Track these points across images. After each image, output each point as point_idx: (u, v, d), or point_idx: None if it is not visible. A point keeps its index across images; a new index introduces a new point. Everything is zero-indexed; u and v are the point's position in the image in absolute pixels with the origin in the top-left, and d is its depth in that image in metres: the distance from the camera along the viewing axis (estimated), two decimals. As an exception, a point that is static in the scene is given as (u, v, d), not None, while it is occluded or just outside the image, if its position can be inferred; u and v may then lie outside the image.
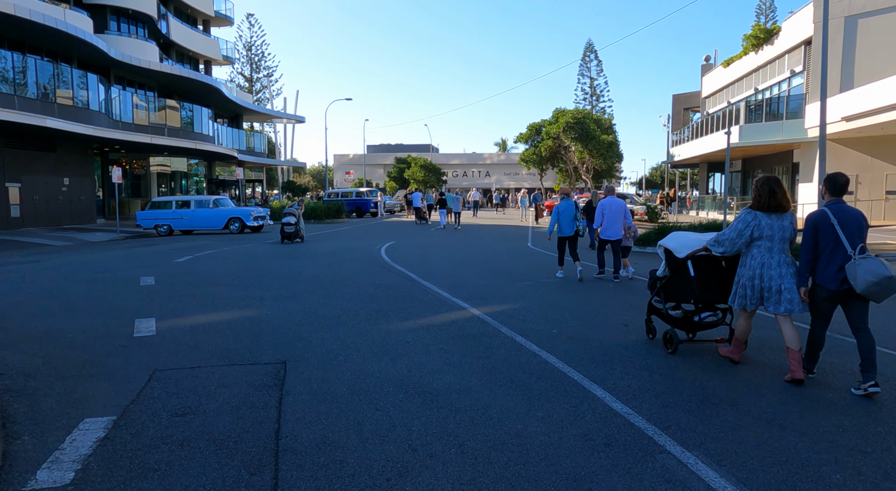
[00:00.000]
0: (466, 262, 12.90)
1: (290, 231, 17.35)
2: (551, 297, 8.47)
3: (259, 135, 54.88)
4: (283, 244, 16.83)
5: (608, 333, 6.27)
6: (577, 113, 38.56)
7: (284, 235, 17.36)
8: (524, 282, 9.90)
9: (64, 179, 25.56)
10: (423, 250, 15.46)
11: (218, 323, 6.74)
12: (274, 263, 12.34)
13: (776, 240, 4.63)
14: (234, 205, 31.53)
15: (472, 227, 26.80)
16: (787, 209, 4.65)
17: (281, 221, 17.65)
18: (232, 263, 12.48)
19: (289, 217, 17.22)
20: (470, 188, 57.16)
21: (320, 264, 12.29)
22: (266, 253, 14.54)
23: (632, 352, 5.49)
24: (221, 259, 13.18)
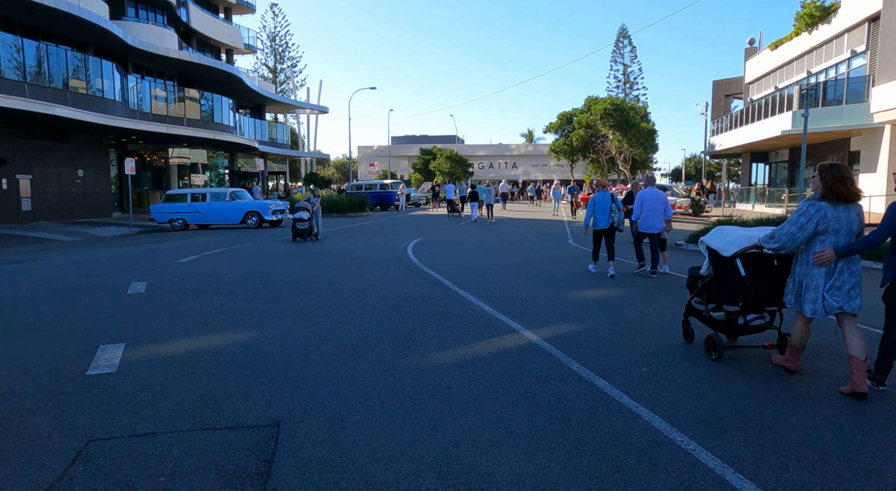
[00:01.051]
0: (505, 263, 11.27)
1: (302, 228, 15.57)
2: (618, 312, 6.82)
3: (282, 126, 53.84)
4: (295, 243, 15.24)
5: (716, 371, 4.61)
6: (614, 100, 36.41)
7: (296, 233, 15.63)
8: (577, 290, 8.26)
9: (78, 171, 24.57)
10: (455, 249, 13.88)
11: (202, 352, 5.25)
12: (287, 265, 10.88)
13: (842, 234, 4.18)
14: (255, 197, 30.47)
15: (504, 221, 25.12)
16: (857, 199, 4.22)
17: (292, 217, 15.96)
18: (240, 264, 11.06)
19: (301, 212, 15.57)
20: (498, 180, 55.36)
21: (339, 266, 10.80)
22: (280, 252, 13.11)
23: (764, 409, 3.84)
24: (229, 259, 11.79)
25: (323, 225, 22.50)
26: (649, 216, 9.45)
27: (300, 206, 15.62)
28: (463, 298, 7.73)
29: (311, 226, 15.65)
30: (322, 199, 31.18)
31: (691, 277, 5.37)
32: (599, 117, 36.06)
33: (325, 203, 30.30)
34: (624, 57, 60.56)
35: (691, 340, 5.46)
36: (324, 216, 29.50)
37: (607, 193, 9.78)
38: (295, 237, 15.70)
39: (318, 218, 16.20)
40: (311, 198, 16.69)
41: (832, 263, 4.15)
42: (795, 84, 32.84)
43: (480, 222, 23.89)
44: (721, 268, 4.86)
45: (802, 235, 4.20)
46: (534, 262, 11.57)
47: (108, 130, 25.35)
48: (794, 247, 4.30)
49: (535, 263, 11.42)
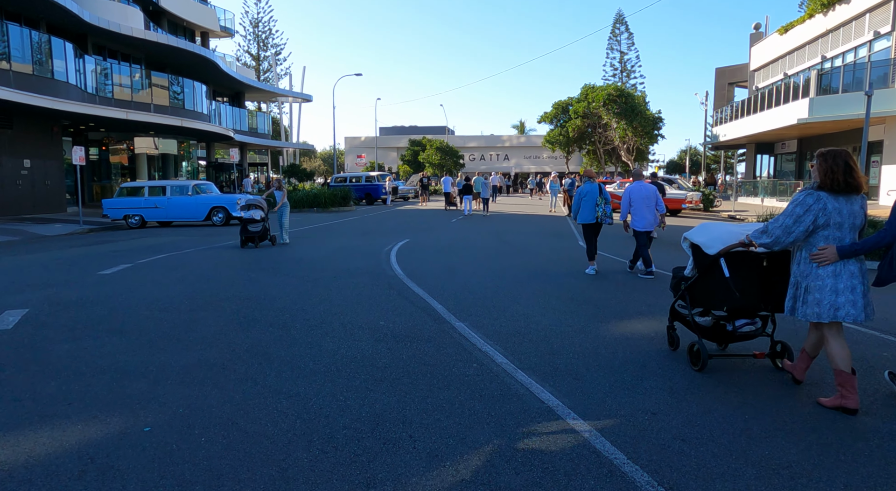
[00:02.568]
0: (511, 274, 9.01)
1: (254, 231, 12.39)
2: (694, 374, 4.57)
3: (264, 115, 51.16)
4: (246, 249, 12.13)
5: None
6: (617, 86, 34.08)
7: (246, 237, 12.38)
8: (616, 320, 6.03)
9: (24, 162, 21.96)
10: (448, 254, 11.59)
11: None
12: (234, 281, 8.54)
13: (846, 228, 3.74)
14: (248, 191, 27.94)
15: (499, 216, 22.86)
16: (861, 190, 3.76)
17: (242, 215, 12.53)
18: (175, 278, 8.72)
19: (253, 211, 12.53)
20: (488, 172, 53.16)
21: (302, 282, 8.48)
22: (234, 261, 10.76)
23: None
24: (165, 271, 9.42)
25: (300, 222, 20.09)
26: (643, 212, 8.92)
27: (251, 203, 12.75)
28: (462, 336, 5.47)
29: (265, 228, 12.60)
30: (300, 192, 28.75)
31: (675, 277, 4.89)
32: (602, 104, 33.74)
33: (304, 197, 27.87)
34: (621, 44, 58.35)
35: (676, 348, 5.02)
36: (302, 211, 27.05)
37: (595, 185, 9.16)
38: (244, 242, 12.45)
39: (283, 217, 13.36)
40: (273, 192, 13.55)
41: (834, 262, 3.72)
42: (807, 70, 30.79)
43: (474, 218, 21.61)
44: (705, 268, 4.43)
45: (799, 229, 3.77)
46: (545, 271, 9.31)
47: (61, 116, 22.74)
48: (790, 242, 3.83)
49: (546, 273, 9.17)
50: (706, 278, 4.43)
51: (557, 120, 48.98)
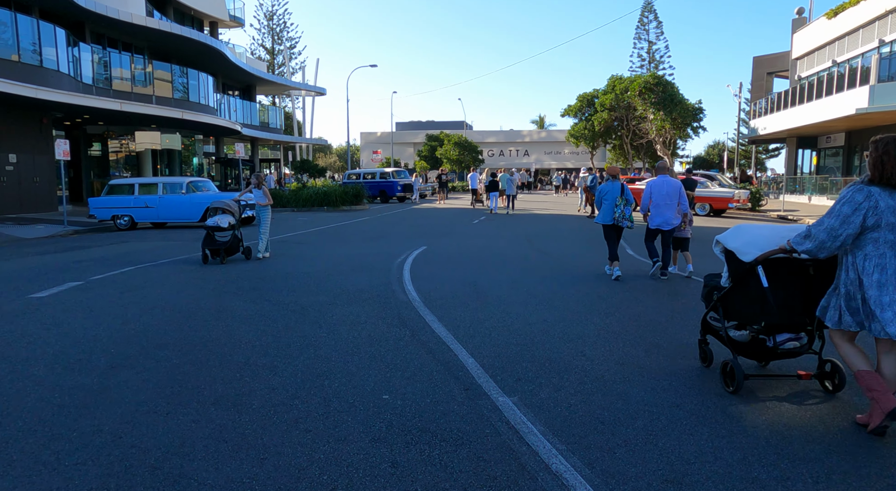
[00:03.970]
0: (562, 302, 6.89)
1: (222, 240, 9.90)
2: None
3: (276, 109, 49.46)
4: (210, 265, 9.59)
5: None
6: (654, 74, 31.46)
7: (211, 250, 9.85)
8: (759, 401, 3.89)
9: (9, 156, 20.27)
10: (474, 267, 9.48)
11: None
12: (197, 311, 6.55)
13: None
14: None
15: (525, 217, 20.68)
16: None
17: (207, 223, 10.01)
18: (120, 306, 6.74)
19: (220, 216, 10.01)
20: (514, 169, 50.94)
21: (285, 311, 6.44)
22: (210, 279, 8.77)
23: None
24: (116, 294, 7.46)
25: (305, 224, 18.11)
26: (662, 210, 8.36)
27: (218, 206, 10.15)
28: (514, 430, 3.38)
29: (235, 238, 10.03)
30: (310, 190, 26.81)
31: (707, 286, 4.39)
32: (637, 94, 31.14)
33: (314, 195, 25.93)
34: (649, 33, 55.50)
35: (709, 364, 4.47)
36: (312, 211, 25.11)
37: (616, 184, 8.54)
38: (208, 255, 9.77)
39: (262, 223, 10.35)
40: (252, 189, 10.34)
41: None
42: (862, 56, 28.11)
43: (498, 218, 19.48)
44: (739, 276, 3.90)
45: (847, 231, 3.28)
46: (604, 297, 7.16)
47: (50, 107, 21.03)
48: (836, 247, 3.35)
49: (608, 300, 7.02)
50: (741, 289, 3.96)
51: (582, 113, 46.52)
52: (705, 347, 4.56)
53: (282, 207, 26.26)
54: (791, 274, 3.80)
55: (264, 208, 10.33)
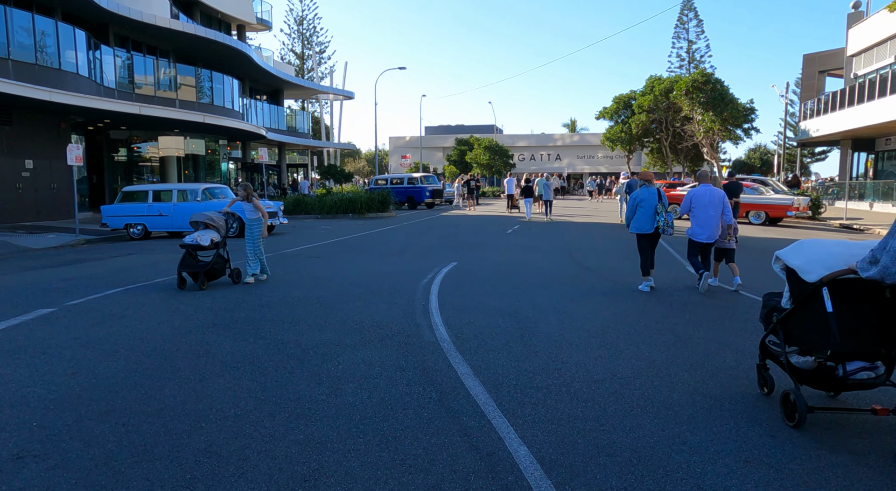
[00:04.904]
0: (630, 348, 5.43)
1: (204, 260, 8.42)
2: None
3: (304, 113, 48.87)
4: (185, 291, 8.06)
5: None
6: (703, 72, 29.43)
7: (189, 272, 8.22)
8: None
9: (26, 162, 19.62)
10: (513, 291, 8.06)
11: None
12: (173, 354, 5.30)
13: None
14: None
15: (561, 224, 19.14)
16: None
17: (184, 241, 8.36)
18: (77, 347, 5.54)
19: (202, 233, 8.35)
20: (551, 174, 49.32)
21: (278, 356, 5.15)
22: (203, 306, 7.55)
23: None
24: (83, 328, 6.27)
25: (326, 234, 16.89)
26: (703, 222, 7.86)
27: (199, 220, 8.47)
28: None
29: (220, 258, 8.42)
30: (334, 196, 25.71)
31: (766, 306, 4.03)
32: (684, 93, 29.22)
33: (338, 202, 24.80)
34: (688, 32, 53.26)
35: (770, 391, 4.09)
36: (336, 218, 23.99)
37: (653, 189, 8.05)
38: (184, 281, 8.19)
39: (251, 242, 8.69)
40: (237, 204, 8.91)
41: None
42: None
43: (533, 227, 17.99)
44: (802, 297, 3.55)
45: None
46: (684, 337, 5.66)
47: (69, 111, 20.35)
48: None
49: (673, 331, 5.52)
50: (803, 312, 3.58)
51: (618, 116, 44.69)
52: (764, 373, 4.16)
53: (305, 214, 25.25)
54: (863, 297, 3.43)
55: (256, 222, 8.70)
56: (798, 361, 3.72)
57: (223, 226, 8.59)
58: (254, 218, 8.66)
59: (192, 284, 8.33)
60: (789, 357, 3.74)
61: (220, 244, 8.47)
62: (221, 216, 8.66)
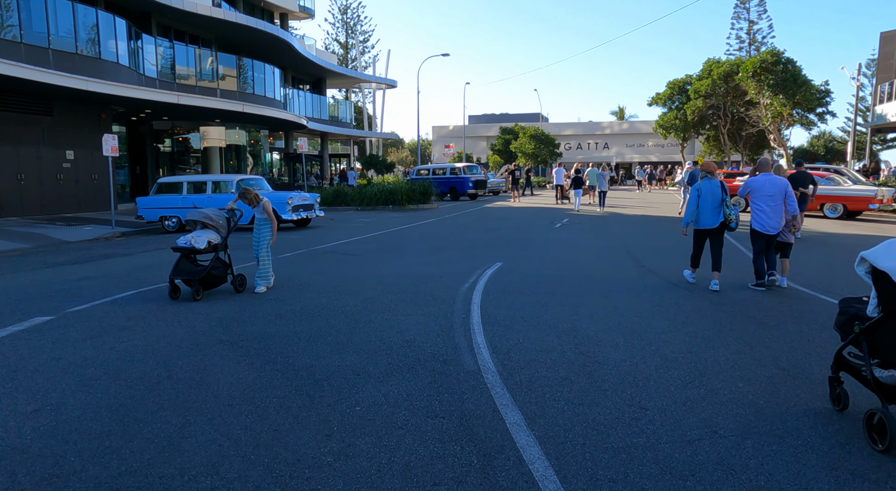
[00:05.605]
0: (712, 371, 4.28)
1: (202, 264, 7.25)
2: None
3: (347, 102, 48.39)
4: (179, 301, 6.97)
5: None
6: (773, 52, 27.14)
7: (183, 278, 7.06)
8: None
9: (66, 153, 19.50)
10: (566, 300, 6.95)
11: None
12: (158, 380, 4.47)
13: None
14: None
15: (613, 217, 17.77)
16: None
17: (177, 244, 7.14)
18: (51, 373, 4.77)
19: (200, 232, 7.17)
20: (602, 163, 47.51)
21: (286, 390, 4.24)
22: (213, 316, 6.75)
23: None
24: (79, 340, 5.51)
25: (362, 228, 16.04)
26: (767, 212, 7.28)
27: (195, 218, 7.28)
28: None
29: (221, 263, 7.26)
30: (374, 187, 24.90)
31: (844, 313, 3.63)
32: (751, 75, 27.03)
33: (378, 193, 23.99)
34: (749, 12, 50.08)
35: (843, 408, 3.67)
36: (376, 210, 23.21)
37: (716, 181, 7.50)
38: (177, 289, 7.10)
39: (259, 247, 7.48)
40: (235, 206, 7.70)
41: None
42: None
43: (584, 220, 16.71)
44: (893, 305, 3.15)
45: None
46: (791, 371, 4.46)
47: (109, 101, 20.14)
48: None
49: (799, 376, 4.33)
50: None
51: (672, 102, 42.40)
52: (838, 387, 3.77)
53: (345, 206, 24.59)
54: None
55: (265, 225, 7.53)
56: (884, 376, 3.30)
57: (223, 225, 7.44)
58: (262, 217, 7.54)
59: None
60: (874, 371, 3.32)
61: (219, 246, 7.27)
62: (222, 214, 7.55)
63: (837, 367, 3.75)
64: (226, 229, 7.39)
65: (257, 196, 7.36)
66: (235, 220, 7.59)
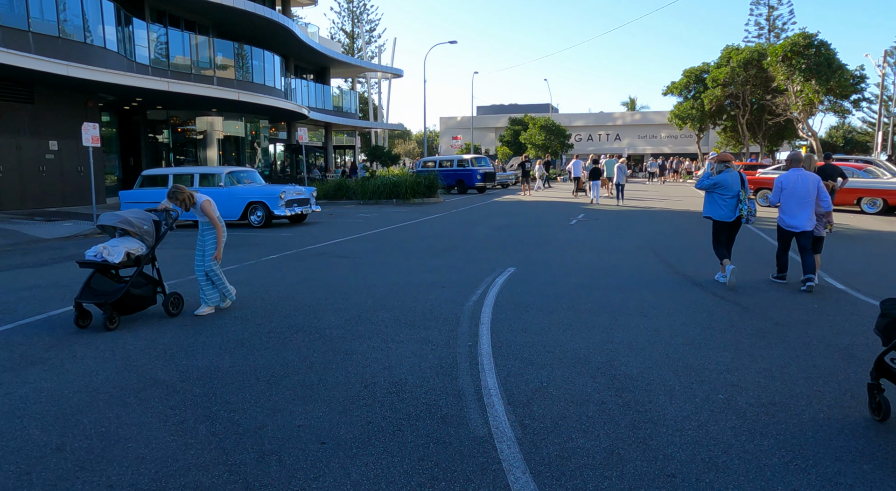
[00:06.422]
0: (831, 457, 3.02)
1: (114, 285, 5.60)
2: None
3: (352, 93, 47.06)
4: (85, 327, 5.48)
5: None
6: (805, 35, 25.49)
7: (96, 302, 5.39)
8: None
9: (50, 143, 18.37)
10: (596, 321, 5.70)
11: None
12: (40, 467, 3.24)
13: None
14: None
15: (633, 213, 16.43)
16: None
17: (84, 256, 5.60)
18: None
19: (116, 242, 5.63)
20: (616, 154, 46.03)
21: (217, 470, 2.99)
22: (163, 341, 5.57)
23: None
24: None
25: (362, 225, 14.79)
26: (795, 208, 7.00)
27: (111, 224, 5.73)
28: None
29: (143, 280, 5.77)
30: (379, 179, 23.63)
31: (887, 316, 3.45)
32: (781, 59, 25.41)
33: (381, 186, 22.74)
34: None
35: (884, 418, 3.38)
36: (379, 204, 21.98)
37: (734, 173, 7.26)
38: (86, 314, 5.52)
39: (205, 257, 6.03)
40: (168, 209, 6.07)
41: None
42: None
43: (602, 216, 15.38)
44: None
45: None
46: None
47: (96, 88, 18.97)
48: None
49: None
50: None
51: (688, 91, 40.79)
52: (878, 395, 3.44)
53: (347, 200, 23.39)
54: None
55: (208, 232, 6.02)
56: None
57: (150, 232, 5.80)
58: (205, 222, 6.09)
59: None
60: None
61: (142, 259, 5.73)
62: (148, 217, 5.96)
63: (879, 373, 3.50)
64: (153, 236, 5.88)
65: (192, 195, 5.88)
66: (171, 223, 6.10)
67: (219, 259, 6.02)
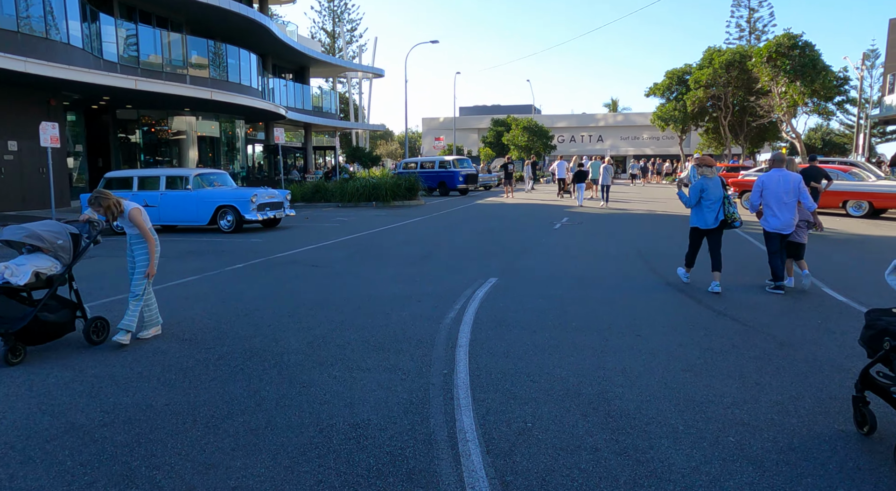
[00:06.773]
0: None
1: (30, 310, 4.72)
2: None
3: (333, 93, 46.31)
4: None
5: None
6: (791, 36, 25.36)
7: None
8: None
9: (8, 144, 17.45)
10: (587, 339, 5.19)
11: None
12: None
13: None
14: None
15: (618, 217, 16.01)
16: None
17: None
18: None
19: (23, 260, 4.77)
20: (602, 156, 45.84)
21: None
22: (80, 389, 4.93)
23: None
24: None
25: (337, 231, 14.16)
26: (777, 210, 6.86)
27: (12, 239, 4.80)
28: None
29: (53, 303, 4.91)
30: (358, 181, 22.98)
31: (871, 327, 3.34)
32: (765, 60, 25.26)
33: (361, 189, 22.09)
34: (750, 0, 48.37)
35: (869, 431, 3.29)
36: (358, 207, 21.34)
37: (717, 179, 7.11)
38: None
39: (133, 270, 5.27)
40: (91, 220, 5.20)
41: None
42: None
43: (586, 219, 14.93)
44: None
45: None
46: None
47: (59, 86, 18.09)
48: None
49: None
50: None
51: (670, 92, 40.75)
52: (863, 408, 3.35)
53: (325, 202, 22.71)
54: None
55: (137, 245, 5.22)
56: None
57: (66, 247, 4.98)
58: (133, 234, 5.28)
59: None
60: None
61: (55, 279, 4.91)
62: (64, 231, 5.07)
63: (863, 385, 3.41)
64: (69, 253, 5.03)
65: (119, 203, 5.11)
66: (95, 236, 5.19)
67: (151, 276, 5.23)
